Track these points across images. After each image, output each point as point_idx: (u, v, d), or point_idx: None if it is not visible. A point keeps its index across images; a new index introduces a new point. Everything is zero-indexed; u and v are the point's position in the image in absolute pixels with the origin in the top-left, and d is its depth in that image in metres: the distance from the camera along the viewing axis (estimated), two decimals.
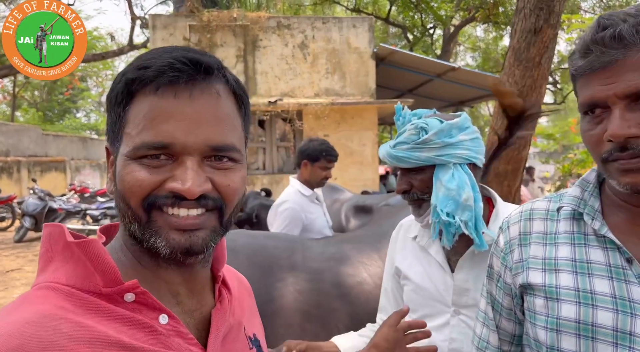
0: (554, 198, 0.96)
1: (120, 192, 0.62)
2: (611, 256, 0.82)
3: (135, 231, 0.62)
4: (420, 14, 13.68)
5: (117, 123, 0.63)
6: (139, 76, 0.60)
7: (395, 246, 1.48)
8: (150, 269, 0.64)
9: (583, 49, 0.78)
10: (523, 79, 3.90)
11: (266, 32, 9.36)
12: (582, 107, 0.81)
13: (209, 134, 0.61)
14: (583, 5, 12.79)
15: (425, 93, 11.68)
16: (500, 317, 1.00)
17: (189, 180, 0.59)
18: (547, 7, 3.68)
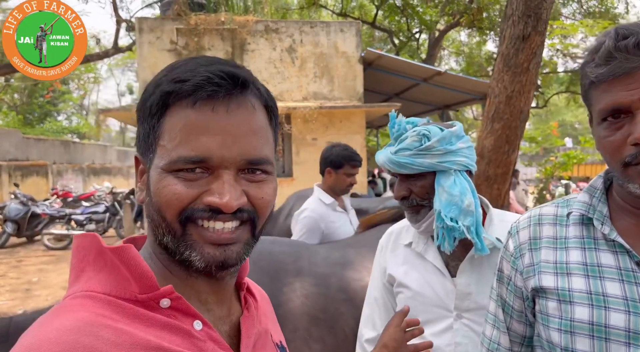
0: (561, 203, 0.99)
1: (156, 204, 0.61)
2: (621, 259, 0.85)
3: (168, 242, 0.62)
4: (406, 18, 13.84)
5: (151, 134, 0.62)
6: (175, 89, 0.60)
7: (385, 254, 1.47)
8: (180, 278, 0.64)
9: (605, 56, 0.80)
10: (512, 84, 3.98)
11: (254, 36, 9.36)
12: (602, 113, 0.83)
13: (245, 148, 0.61)
14: (564, 12, 13.07)
15: (412, 97, 11.80)
16: (511, 319, 1.02)
17: (227, 194, 0.59)
18: (535, 15, 3.78)
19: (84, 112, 33.79)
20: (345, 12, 14.66)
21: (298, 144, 9.20)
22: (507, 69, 3.97)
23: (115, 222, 11.14)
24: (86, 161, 20.91)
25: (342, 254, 1.86)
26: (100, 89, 50.55)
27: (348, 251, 1.88)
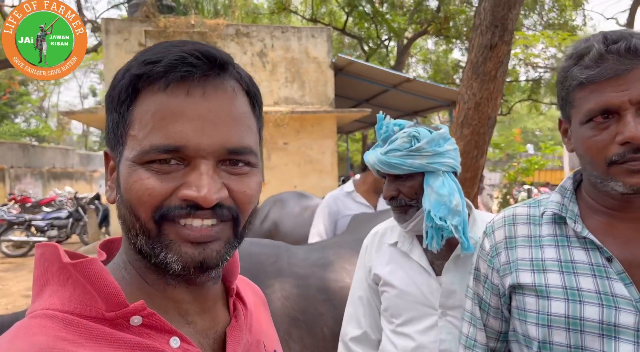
0: (532, 204, 1.04)
1: (127, 202, 0.55)
2: (592, 255, 0.90)
3: (142, 244, 0.55)
4: (376, 25, 14.06)
5: (120, 124, 0.56)
6: (146, 72, 0.54)
7: (370, 254, 1.48)
8: (157, 288, 0.58)
9: (596, 58, 0.84)
10: (480, 92, 4.12)
11: (225, 40, 9.30)
12: (590, 113, 0.86)
13: (224, 135, 0.55)
14: (525, 23, 13.58)
15: (382, 103, 11.97)
16: (487, 316, 1.06)
17: (205, 186, 0.53)
18: (502, 25, 3.92)
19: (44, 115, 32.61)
20: (316, 18, 14.77)
21: (269, 149, 9.18)
22: (476, 77, 4.11)
23: (79, 228, 10.79)
24: (46, 165, 20.16)
25: (322, 255, 1.88)
26: (61, 90, 48.99)
27: (327, 252, 1.90)
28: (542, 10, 13.02)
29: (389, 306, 1.40)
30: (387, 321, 1.42)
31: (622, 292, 0.86)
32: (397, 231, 1.45)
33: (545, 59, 13.20)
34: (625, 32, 0.85)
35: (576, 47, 0.89)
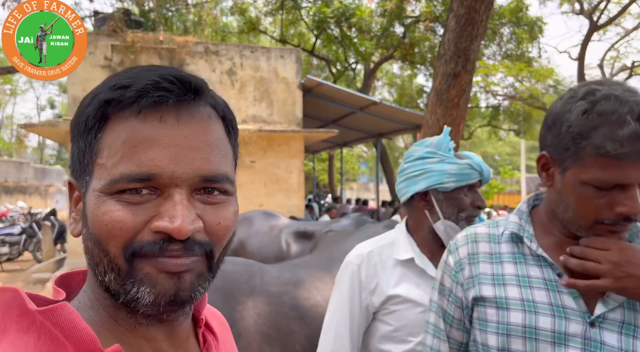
0: (491, 224, 1.14)
1: (95, 236, 0.51)
2: (545, 271, 1.01)
3: (111, 281, 0.52)
4: (344, 48, 14.38)
5: (87, 152, 0.53)
6: (116, 97, 0.51)
7: (371, 273, 1.41)
8: (128, 328, 0.54)
9: (630, 137, 0.84)
10: (444, 117, 4.30)
11: (193, 57, 9.30)
12: (602, 183, 0.90)
13: (199, 163, 0.52)
14: (486, 52, 14.24)
15: (348, 124, 12.19)
16: (450, 327, 1.14)
17: (179, 217, 0.49)
18: (464, 55, 4.14)
19: None
20: (285, 38, 14.98)
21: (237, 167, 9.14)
22: (440, 103, 4.29)
23: (32, 245, 10.32)
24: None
25: (293, 273, 1.92)
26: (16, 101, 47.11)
27: (299, 271, 1.94)
28: (500, 42, 13.70)
29: (407, 325, 1.36)
30: (398, 341, 1.37)
31: (570, 304, 0.96)
32: (401, 248, 1.44)
33: (504, 87, 13.83)
34: None
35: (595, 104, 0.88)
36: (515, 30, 13.21)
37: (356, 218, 3.83)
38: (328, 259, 2.04)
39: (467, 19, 4.01)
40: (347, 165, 26.20)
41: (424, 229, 1.48)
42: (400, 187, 1.51)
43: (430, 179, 1.42)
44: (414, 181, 1.45)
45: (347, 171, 27.64)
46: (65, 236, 10.12)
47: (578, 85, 0.97)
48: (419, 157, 1.46)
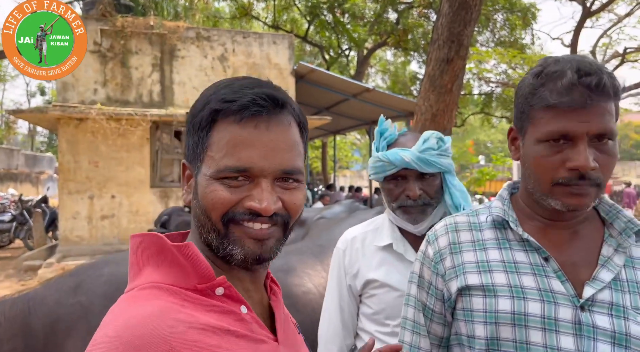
0: (470, 213, 1.11)
1: (203, 207, 0.71)
2: (531, 256, 0.98)
3: (212, 240, 0.71)
4: (337, 35, 14.26)
5: (199, 145, 0.72)
6: (224, 108, 0.70)
7: (353, 258, 1.46)
8: (225, 270, 0.73)
9: (567, 86, 0.89)
10: (437, 104, 4.28)
11: (184, 43, 9.17)
12: (549, 135, 0.92)
13: (281, 160, 0.71)
14: (479, 39, 14.18)
15: (341, 111, 12.13)
16: (430, 322, 1.09)
17: (265, 200, 0.69)
18: (458, 41, 4.11)
19: None
20: (277, 24, 14.81)
21: None
22: (433, 89, 4.27)
23: (23, 232, 10.26)
24: None
25: (285, 261, 1.91)
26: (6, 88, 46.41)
27: (290, 258, 1.93)
28: (494, 28, 13.64)
29: (384, 308, 1.40)
30: (378, 324, 1.42)
31: (559, 288, 0.94)
32: (384, 233, 1.46)
33: (497, 74, 13.81)
34: (597, 66, 0.90)
35: (545, 67, 0.94)
36: (509, 17, 13.14)
37: (348, 205, 3.82)
38: (319, 246, 2.03)
39: (460, 2, 3.96)
40: (340, 153, 26.17)
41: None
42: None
43: (371, 170, 1.47)
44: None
45: (341, 159, 27.62)
46: (56, 223, 10.04)
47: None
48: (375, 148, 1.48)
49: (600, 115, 0.89)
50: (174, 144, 9.06)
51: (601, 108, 0.89)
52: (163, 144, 8.96)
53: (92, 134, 8.25)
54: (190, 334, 0.62)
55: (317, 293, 1.86)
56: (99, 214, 8.43)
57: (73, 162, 8.28)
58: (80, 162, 8.30)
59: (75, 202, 8.32)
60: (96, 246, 8.28)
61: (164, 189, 8.83)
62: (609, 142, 0.91)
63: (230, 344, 0.66)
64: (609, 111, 0.90)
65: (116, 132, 8.24)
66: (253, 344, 0.69)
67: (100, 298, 1.69)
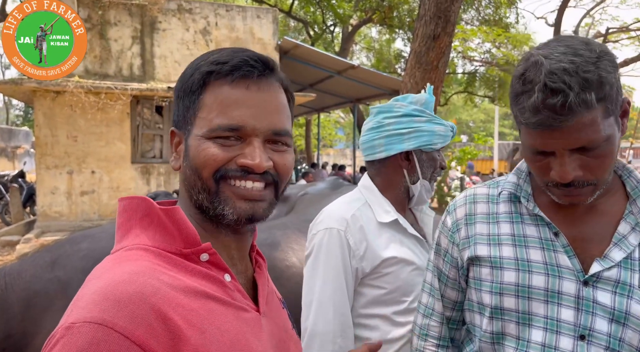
0: (492, 185, 1.14)
1: (193, 166, 0.71)
2: (542, 230, 1.00)
3: (203, 200, 0.71)
4: (322, 10, 14.02)
5: (191, 109, 0.72)
6: (216, 70, 0.71)
7: (356, 241, 1.33)
8: (213, 236, 0.74)
9: (534, 109, 0.85)
10: (423, 81, 4.25)
11: (166, 15, 8.91)
12: (529, 149, 0.92)
13: (272, 120, 0.73)
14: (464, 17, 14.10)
15: (325, 88, 12.03)
16: (445, 287, 1.16)
17: (258, 157, 0.70)
18: (444, 17, 4.06)
19: None
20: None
21: None
22: (419, 66, 4.24)
23: (0, 208, 10.05)
24: None
25: (269, 235, 1.90)
26: None
27: (274, 232, 1.92)
28: (479, 7, 13.57)
29: (400, 286, 1.34)
30: (391, 304, 1.34)
31: (565, 263, 0.96)
32: (382, 209, 1.40)
33: (481, 53, 13.80)
34: (568, 79, 0.83)
35: (526, 69, 0.88)
36: None
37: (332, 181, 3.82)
38: (304, 221, 2.02)
39: None
40: (324, 131, 26.08)
41: (399, 188, 1.44)
42: (375, 144, 1.41)
43: (421, 138, 1.38)
44: (400, 139, 1.38)
45: (324, 137, 27.55)
46: (34, 199, 9.84)
47: (540, 43, 0.95)
48: (406, 114, 1.38)
49: (577, 131, 0.85)
50: (154, 119, 8.89)
51: (577, 124, 0.84)
52: (144, 119, 8.78)
53: (70, 107, 8.03)
54: (173, 295, 0.63)
55: (301, 267, 1.86)
56: (78, 190, 8.29)
57: (50, 136, 8.07)
58: (58, 137, 8.10)
59: (54, 178, 8.15)
60: (76, 222, 8.16)
61: (145, 165, 8.70)
62: (597, 148, 0.87)
63: (212, 309, 0.66)
64: (590, 121, 0.84)
65: (95, 106, 8.04)
66: (234, 311, 0.70)
67: (79, 273, 1.66)
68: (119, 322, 0.57)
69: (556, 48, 0.87)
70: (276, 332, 0.78)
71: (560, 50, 0.86)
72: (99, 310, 0.57)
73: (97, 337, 0.55)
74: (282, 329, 0.81)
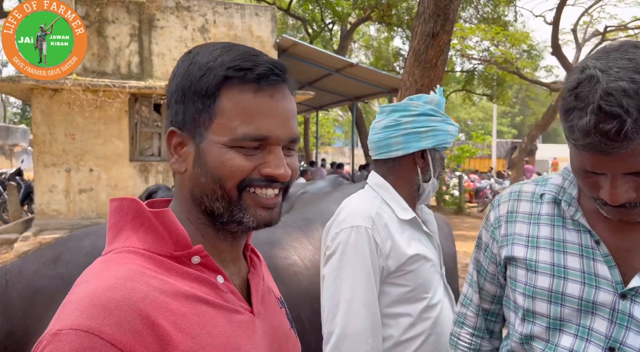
0: (540, 182, 1.09)
1: (216, 175, 0.70)
2: (583, 237, 0.97)
3: (219, 207, 0.71)
4: (320, 8, 14.00)
5: (204, 112, 0.70)
6: (238, 76, 0.69)
7: (382, 239, 1.33)
8: (209, 239, 0.74)
9: (585, 131, 0.78)
10: (422, 79, 4.25)
11: (164, 12, 8.88)
12: (580, 168, 0.86)
13: (291, 129, 0.73)
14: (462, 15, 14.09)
15: (324, 87, 12.02)
16: (484, 280, 1.16)
17: (282, 166, 0.71)
18: (444, 14, 4.06)
19: None
20: None
21: None
22: (418, 64, 4.23)
23: None
24: None
25: (270, 233, 1.90)
26: None
27: (275, 230, 1.92)
28: (477, 5, 13.56)
29: (422, 283, 1.36)
30: (413, 302, 1.35)
31: (604, 273, 0.93)
32: (401, 207, 1.42)
33: (480, 51, 13.79)
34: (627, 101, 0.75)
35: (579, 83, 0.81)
36: None
37: (332, 179, 3.82)
38: (304, 219, 2.02)
39: None
40: (322, 129, 26.06)
41: (412, 186, 1.45)
42: (392, 141, 1.41)
43: (437, 137, 1.40)
44: (418, 138, 1.39)
45: (323, 135, 27.53)
46: (32, 196, 9.82)
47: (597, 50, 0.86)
48: (423, 113, 1.40)
49: (632, 157, 0.78)
50: (153, 117, 8.87)
51: (633, 150, 0.77)
52: (142, 117, 8.76)
53: (67, 105, 8.01)
54: (162, 299, 0.62)
55: (302, 265, 1.86)
56: (76, 188, 8.27)
57: (48, 134, 8.04)
58: (56, 134, 8.07)
59: (52, 175, 8.13)
60: (74, 220, 8.14)
61: (144, 163, 8.69)
62: None
63: (203, 312, 0.66)
64: None
65: (93, 104, 8.01)
66: (227, 314, 0.69)
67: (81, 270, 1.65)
68: (105, 330, 0.56)
69: (616, 61, 0.78)
70: (271, 332, 0.78)
71: (621, 65, 0.77)
72: (85, 317, 0.57)
73: (83, 345, 0.55)
74: (278, 329, 0.81)
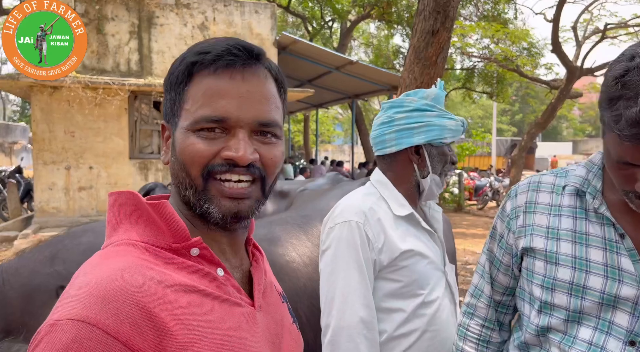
0: (560, 173, 1.07)
1: (181, 162, 0.69)
2: (607, 230, 0.95)
3: (190, 196, 0.70)
4: (320, 5, 13.97)
5: (177, 101, 0.70)
6: (199, 60, 0.69)
7: (374, 233, 1.34)
8: (202, 231, 0.72)
9: (633, 121, 0.77)
10: (421, 76, 4.25)
11: (163, 10, 8.87)
12: (618, 159, 0.84)
13: (257, 111, 0.70)
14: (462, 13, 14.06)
15: (324, 84, 12.02)
16: (497, 271, 1.14)
17: (242, 149, 0.68)
18: (443, 12, 4.05)
19: None
20: None
21: None
22: (418, 61, 4.23)
23: None
24: None
25: (269, 230, 1.90)
26: None
27: (274, 227, 1.92)
28: (478, 2, 13.53)
29: (416, 279, 1.36)
30: (407, 297, 1.35)
31: (628, 267, 0.92)
32: (397, 203, 1.42)
33: (480, 49, 13.77)
34: None
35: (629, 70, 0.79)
36: None
37: (332, 177, 3.82)
38: (304, 217, 2.02)
39: None
40: (322, 127, 26.06)
41: (410, 182, 1.45)
42: (386, 138, 1.42)
43: (431, 132, 1.39)
44: (410, 133, 1.39)
45: (323, 133, 27.53)
46: (32, 194, 9.81)
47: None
48: (417, 109, 1.40)
49: None
50: (152, 115, 8.86)
51: None
52: (142, 115, 8.75)
53: (67, 102, 8.00)
54: (160, 291, 0.62)
55: (300, 262, 1.86)
56: (76, 186, 8.27)
57: (48, 132, 8.04)
58: (56, 132, 8.07)
59: (51, 173, 8.12)
60: (74, 217, 8.15)
61: (143, 160, 8.68)
62: None
63: (201, 304, 0.65)
64: None
65: (93, 102, 8.01)
66: (226, 306, 0.68)
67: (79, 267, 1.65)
68: (102, 320, 0.56)
69: None
70: (272, 326, 0.77)
71: None
72: (82, 307, 0.57)
73: (80, 335, 0.55)
74: (279, 324, 0.79)
